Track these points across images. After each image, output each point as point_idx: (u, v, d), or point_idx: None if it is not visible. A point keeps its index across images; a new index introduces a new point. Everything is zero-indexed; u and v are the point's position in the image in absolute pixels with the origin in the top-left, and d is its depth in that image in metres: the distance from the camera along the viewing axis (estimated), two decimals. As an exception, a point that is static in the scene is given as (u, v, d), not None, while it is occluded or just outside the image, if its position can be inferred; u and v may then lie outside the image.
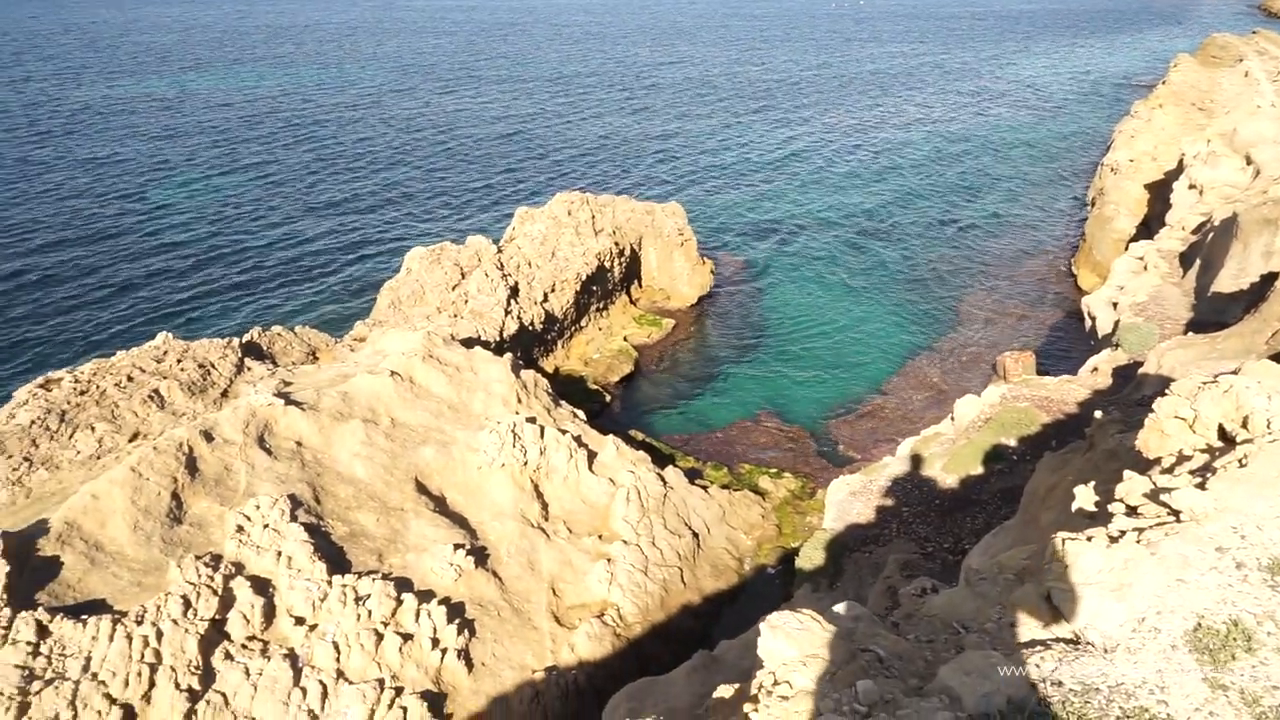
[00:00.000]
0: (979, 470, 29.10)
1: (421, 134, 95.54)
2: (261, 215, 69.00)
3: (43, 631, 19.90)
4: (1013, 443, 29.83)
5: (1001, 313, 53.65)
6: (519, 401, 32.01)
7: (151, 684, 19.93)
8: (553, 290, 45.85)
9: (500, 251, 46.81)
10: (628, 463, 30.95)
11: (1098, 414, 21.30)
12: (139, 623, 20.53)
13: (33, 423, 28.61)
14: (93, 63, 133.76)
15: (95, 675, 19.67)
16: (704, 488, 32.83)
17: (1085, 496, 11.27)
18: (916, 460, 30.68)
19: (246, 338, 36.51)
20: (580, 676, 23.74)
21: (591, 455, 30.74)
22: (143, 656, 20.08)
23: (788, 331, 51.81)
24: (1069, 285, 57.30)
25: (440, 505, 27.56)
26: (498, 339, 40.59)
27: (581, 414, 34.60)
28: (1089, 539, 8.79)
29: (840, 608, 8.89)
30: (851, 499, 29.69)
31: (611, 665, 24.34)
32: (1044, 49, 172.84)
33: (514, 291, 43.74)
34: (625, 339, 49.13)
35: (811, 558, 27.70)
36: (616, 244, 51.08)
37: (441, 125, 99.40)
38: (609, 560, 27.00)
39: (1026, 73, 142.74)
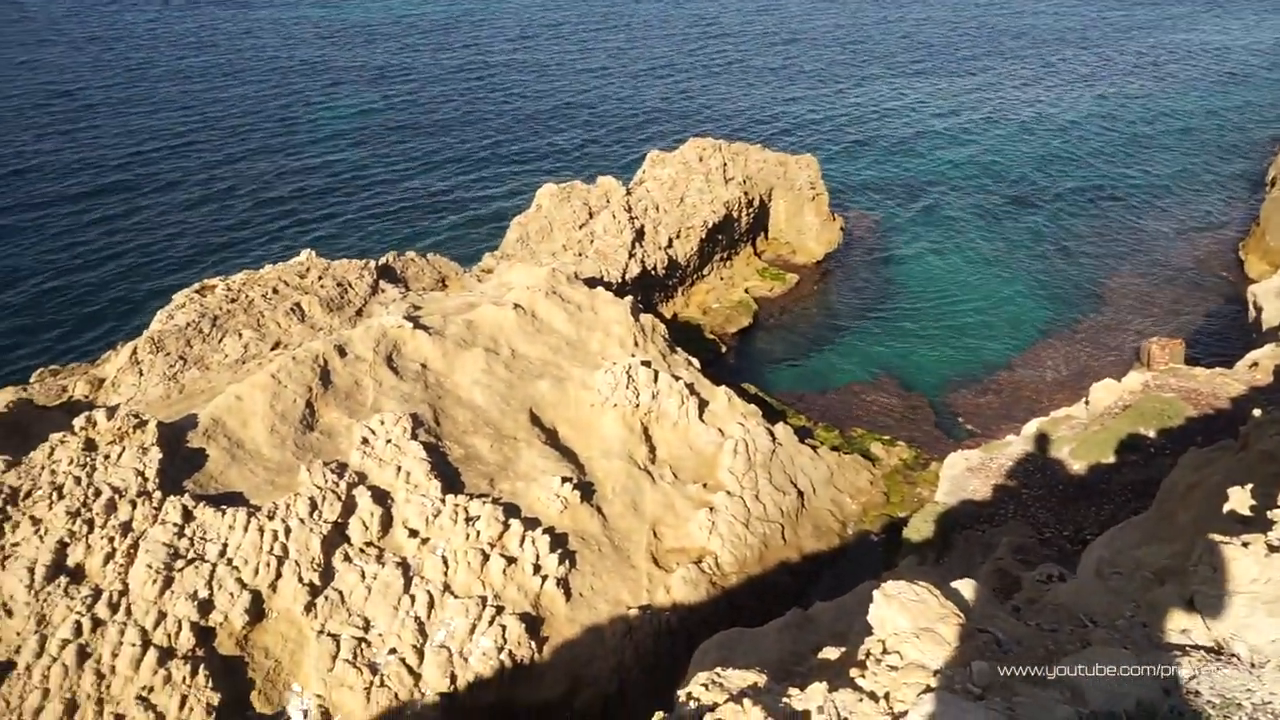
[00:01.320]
0: (1110, 459, 27.48)
1: (564, 73, 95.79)
2: (406, 144, 71.07)
3: (187, 516, 21.63)
4: (1151, 434, 27.98)
5: (1152, 295, 49.98)
6: (636, 344, 32.18)
7: (278, 575, 21.42)
8: (678, 236, 45.57)
9: (629, 194, 46.72)
10: (738, 414, 30.77)
11: (1256, 412, 19.67)
12: (270, 518, 22.03)
13: (188, 325, 30.77)
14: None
15: (230, 561, 21.29)
16: (813, 447, 32.35)
17: (1240, 499, 10.40)
18: (1043, 442, 29.26)
19: (382, 260, 37.97)
20: (673, 619, 24.09)
21: (703, 404, 30.70)
22: (272, 549, 21.57)
23: (916, 296, 49.90)
24: (1234, 271, 52.71)
25: (551, 438, 28.20)
26: (620, 281, 40.78)
27: (696, 362, 34.51)
28: (1245, 545, 8.09)
29: (959, 585, 8.56)
30: (968, 474, 28.66)
31: (704, 611, 24.57)
32: (1238, 8, 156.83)
33: (639, 235, 43.70)
34: (746, 291, 48.50)
35: (920, 529, 27.00)
36: (746, 194, 50.12)
37: (584, 66, 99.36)
38: (711, 509, 27.08)
39: (1212, 34, 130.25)
